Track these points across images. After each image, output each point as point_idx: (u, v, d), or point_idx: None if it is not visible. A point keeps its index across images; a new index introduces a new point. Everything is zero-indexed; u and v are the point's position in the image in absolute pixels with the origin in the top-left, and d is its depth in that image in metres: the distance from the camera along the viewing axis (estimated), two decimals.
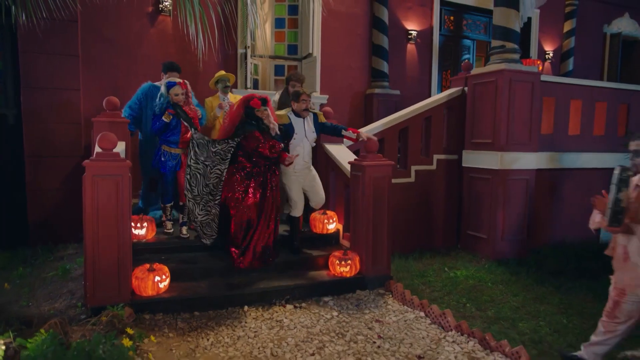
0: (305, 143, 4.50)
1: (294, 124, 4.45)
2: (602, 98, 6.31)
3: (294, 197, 4.53)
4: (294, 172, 4.47)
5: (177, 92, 4.25)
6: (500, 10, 5.43)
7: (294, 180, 4.50)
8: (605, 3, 10.75)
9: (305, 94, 4.48)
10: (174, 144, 4.37)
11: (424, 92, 8.45)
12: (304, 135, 4.48)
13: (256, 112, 4.11)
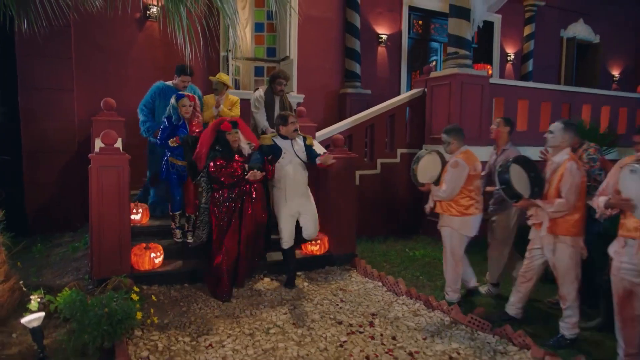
0: (296, 162, 4.34)
1: (280, 144, 4.34)
2: (546, 98, 7.09)
3: (281, 226, 4.35)
4: (285, 199, 4.32)
5: (185, 104, 4.40)
6: (454, 20, 6.14)
7: (282, 207, 4.34)
8: (562, 9, 11.58)
9: (292, 116, 4.40)
10: (180, 156, 4.48)
11: (394, 91, 9.13)
12: (293, 154, 4.34)
13: (227, 135, 4.12)
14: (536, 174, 3.43)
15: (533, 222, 3.45)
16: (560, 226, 3.25)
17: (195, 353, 3.07)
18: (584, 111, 7.63)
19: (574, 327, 3.32)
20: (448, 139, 4.03)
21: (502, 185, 3.36)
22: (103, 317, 2.80)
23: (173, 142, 4.36)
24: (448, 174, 3.91)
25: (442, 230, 4.06)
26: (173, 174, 4.50)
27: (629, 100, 8.31)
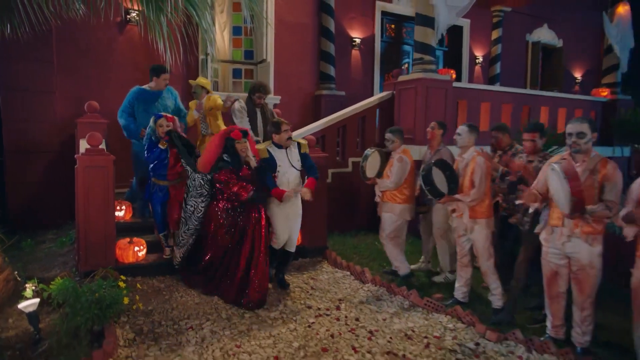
0: (292, 172, 4.33)
1: (275, 156, 4.30)
2: (507, 101, 7.60)
3: (277, 227, 4.39)
4: (279, 206, 4.34)
5: (162, 124, 4.40)
6: (419, 28, 6.58)
7: (277, 211, 4.37)
8: (527, 15, 12.17)
9: (285, 123, 4.34)
10: (162, 176, 4.52)
11: (367, 93, 9.53)
12: (289, 165, 4.33)
13: (236, 143, 4.11)
14: (450, 172, 3.90)
15: (457, 214, 3.95)
16: (477, 212, 3.81)
17: (177, 335, 3.40)
18: (542, 113, 8.18)
19: (501, 296, 3.85)
20: (392, 137, 4.60)
21: (427, 186, 3.82)
22: (93, 302, 3.12)
23: (163, 144, 4.40)
24: (394, 167, 4.47)
25: (384, 216, 4.60)
26: (156, 195, 4.56)
27: (583, 103, 8.91)
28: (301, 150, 4.46)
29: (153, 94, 5.17)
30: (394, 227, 4.60)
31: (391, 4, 9.95)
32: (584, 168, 3.17)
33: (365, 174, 4.55)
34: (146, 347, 3.19)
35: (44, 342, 3.04)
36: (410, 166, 4.54)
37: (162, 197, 4.57)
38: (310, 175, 4.42)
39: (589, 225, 3.13)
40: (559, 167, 3.09)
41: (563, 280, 3.29)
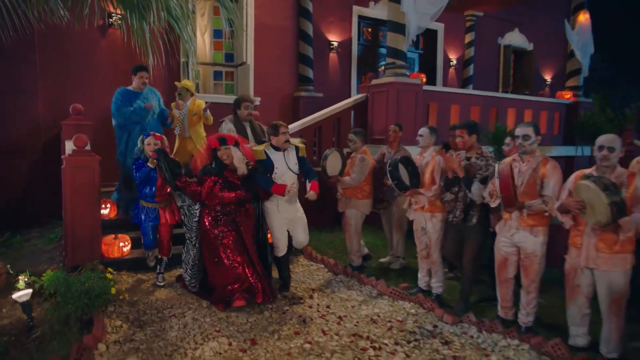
0: (289, 175, 4.30)
1: (272, 158, 4.29)
2: (476, 103, 8.03)
3: (275, 234, 4.41)
4: (277, 209, 4.34)
5: (150, 142, 4.33)
6: (391, 34, 6.94)
7: (275, 217, 4.36)
8: (499, 19, 12.65)
9: (284, 126, 4.31)
10: (150, 197, 4.39)
11: (345, 94, 9.87)
12: (286, 168, 4.30)
13: (217, 151, 4.08)
14: (412, 168, 4.26)
15: (416, 207, 4.30)
16: (435, 206, 4.16)
17: (161, 322, 3.69)
18: (509, 114, 8.64)
19: (443, 283, 4.26)
20: (355, 138, 4.95)
21: (394, 180, 4.16)
22: (83, 292, 3.38)
23: (152, 162, 4.28)
24: (357, 166, 4.82)
25: (347, 212, 4.96)
26: (145, 219, 4.44)
27: (548, 105, 9.43)
28: (299, 153, 4.43)
29: (136, 94, 5.36)
30: (360, 221, 4.97)
31: (368, 8, 10.30)
32: (529, 167, 3.56)
33: (327, 172, 4.84)
34: (132, 332, 3.47)
35: (37, 329, 3.30)
36: (371, 165, 4.91)
37: (153, 220, 4.43)
38: (310, 179, 4.41)
39: (533, 218, 3.51)
40: (498, 166, 3.48)
41: (512, 267, 3.68)
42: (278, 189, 4.18)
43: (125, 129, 5.37)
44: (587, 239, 3.19)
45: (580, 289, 3.29)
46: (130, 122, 5.29)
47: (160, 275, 4.54)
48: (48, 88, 6.96)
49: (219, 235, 4.05)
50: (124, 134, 5.40)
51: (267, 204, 4.38)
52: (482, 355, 3.28)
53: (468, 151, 4.01)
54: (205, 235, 4.10)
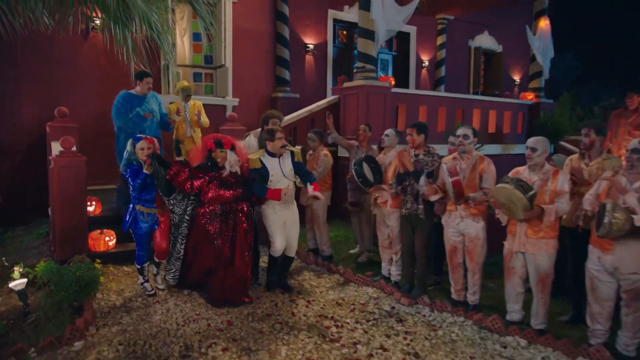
0: (284, 183, 4.30)
1: (267, 165, 4.29)
2: (442, 104, 8.54)
3: (272, 234, 4.43)
4: (274, 212, 4.38)
5: (143, 147, 4.11)
6: (361, 40, 7.38)
7: (272, 218, 4.41)
8: (469, 22, 13.21)
9: (280, 131, 4.35)
10: (150, 202, 4.20)
11: (321, 94, 10.29)
12: (281, 175, 4.31)
13: (212, 153, 4.15)
14: (375, 165, 4.71)
15: (380, 201, 4.73)
16: (397, 201, 4.57)
17: (146, 307, 4.06)
18: (475, 115, 9.18)
19: (400, 271, 4.73)
20: (315, 137, 5.42)
21: (360, 178, 4.59)
22: (74, 281, 3.73)
23: (147, 168, 4.07)
24: (321, 162, 5.30)
25: (314, 205, 5.39)
26: (142, 225, 4.21)
27: (511, 105, 10.00)
28: (295, 159, 4.43)
29: (139, 98, 5.49)
30: (326, 212, 5.43)
31: (342, 12, 10.73)
32: (468, 164, 4.05)
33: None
34: (120, 317, 3.84)
35: (32, 315, 3.64)
36: (331, 161, 5.41)
37: (150, 227, 4.26)
38: (310, 181, 4.40)
39: (475, 208, 4.00)
40: (446, 166, 3.95)
41: (460, 253, 4.15)
42: (273, 194, 4.19)
43: (126, 131, 5.38)
44: (519, 227, 3.68)
45: (515, 270, 3.77)
46: (128, 127, 5.37)
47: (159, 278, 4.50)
48: (31, 90, 7.19)
49: (212, 234, 4.10)
50: (121, 134, 5.46)
51: (264, 207, 4.42)
52: (430, 330, 3.75)
53: (417, 149, 4.46)
54: (198, 233, 4.17)
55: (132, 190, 4.14)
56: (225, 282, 4.11)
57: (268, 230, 4.48)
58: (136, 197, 4.15)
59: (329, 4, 10.48)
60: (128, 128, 5.35)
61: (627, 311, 3.19)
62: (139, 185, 4.07)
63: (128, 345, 3.36)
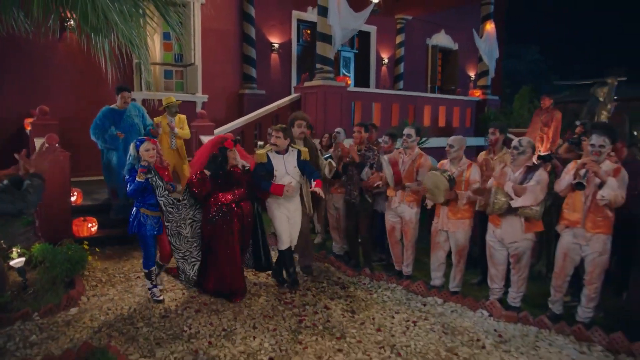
0: (287, 179, 4.45)
1: (273, 161, 4.47)
2: (395, 101, 9.39)
3: (277, 227, 4.60)
4: (278, 206, 4.54)
5: (148, 148, 4.08)
6: (320, 44, 8.12)
7: (277, 212, 4.57)
8: (426, 22, 14.09)
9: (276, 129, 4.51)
10: (154, 206, 4.19)
11: (285, 91, 10.96)
12: (284, 172, 4.47)
13: (228, 152, 4.29)
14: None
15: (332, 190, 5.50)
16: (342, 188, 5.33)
17: (128, 282, 4.75)
18: (425, 111, 10.08)
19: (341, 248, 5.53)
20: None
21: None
22: (66, 259, 4.38)
23: (140, 176, 3.99)
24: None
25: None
26: (147, 228, 4.16)
27: (460, 102, 10.96)
28: (301, 157, 4.57)
29: (120, 112, 5.76)
30: None
31: (306, 13, 11.41)
32: (409, 159, 4.85)
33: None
34: (106, 289, 4.52)
35: (30, 288, 4.28)
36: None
37: (158, 230, 4.23)
38: (314, 178, 4.50)
39: (410, 196, 4.82)
40: (387, 157, 4.76)
41: (398, 232, 4.99)
42: (276, 189, 4.38)
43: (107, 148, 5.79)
44: (442, 210, 4.53)
45: (439, 245, 4.62)
46: (106, 144, 5.69)
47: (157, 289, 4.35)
48: (7, 88, 7.63)
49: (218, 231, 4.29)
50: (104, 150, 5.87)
51: (269, 200, 4.59)
52: (367, 294, 4.58)
53: (360, 144, 5.26)
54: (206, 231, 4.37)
55: (130, 196, 4.15)
56: (226, 276, 4.29)
57: (274, 225, 4.68)
58: (141, 200, 4.14)
59: (293, 5, 11.15)
60: (106, 145, 5.69)
61: (513, 272, 4.09)
62: (134, 192, 4.04)
63: (116, 310, 4.06)
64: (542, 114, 6.81)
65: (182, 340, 3.55)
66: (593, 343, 3.52)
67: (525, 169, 4.00)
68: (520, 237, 3.99)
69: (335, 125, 7.94)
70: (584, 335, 3.58)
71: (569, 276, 3.89)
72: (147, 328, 3.74)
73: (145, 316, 3.97)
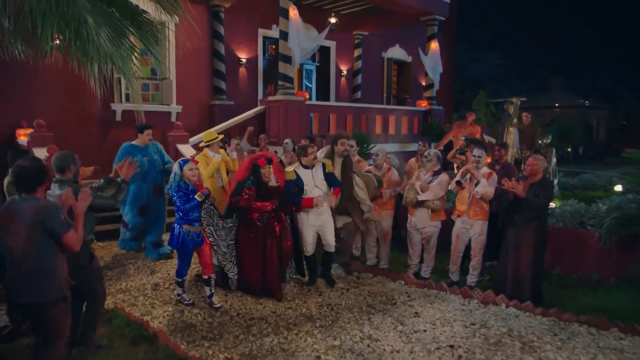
0: (316, 192, 4.87)
1: (301, 176, 4.89)
2: (349, 112, 10.70)
3: (304, 238, 5.06)
4: (307, 217, 4.98)
5: (192, 168, 4.42)
6: (281, 64, 9.36)
7: (305, 224, 5.02)
8: (382, 37, 15.47)
9: (311, 146, 5.06)
10: (196, 221, 4.47)
11: (252, 101, 12.11)
12: (313, 185, 4.90)
13: (261, 169, 4.66)
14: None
15: None
16: None
17: (122, 267, 5.82)
18: (377, 120, 11.43)
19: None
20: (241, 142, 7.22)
21: None
22: None
23: (200, 196, 4.39)
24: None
25: None
26: (190, 242, 4.46)
27: (408, 112, 12.39)
28: (326, 170, 5.03)
29: (140, 149, 5.93)
30: None
31: (271, 30, 12.57)
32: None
33: None
34: (105, 272, 5.57)
35: None
36: None
37: (200, 243, 4.53)
38: (334, 187, 4.99)
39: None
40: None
41: None
42: (307, 202, 4.86)
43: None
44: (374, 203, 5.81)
45: (372, 231, 5.90)
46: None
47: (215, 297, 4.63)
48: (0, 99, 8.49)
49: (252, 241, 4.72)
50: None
51: (301, 214, 5.04)
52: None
53: None
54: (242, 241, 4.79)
55: (179, 211, 4.41)
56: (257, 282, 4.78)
57: (302, 234, 5.10)
58: (183, 217, 4.40)
59: (259, 24, 12.32)
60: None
61: (425, 251, 5.42)
62: (186, 204, 4.35)
63: (115, 285, 5.16)
64: (465, 126, 8.24)
65: (172, 304, 4.69)
66: (473, 298, 4.86)
67: (432, 172, 5.34)
68: (428, 224, 5.32)
69: (295, 135, 9.18)
70: (468, 294, 4.92)
71: (461, 252, 5.24)
72: (143, 297, 4.87)
73: (140, 288, 5.08)
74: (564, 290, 5.22)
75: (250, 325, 4.21)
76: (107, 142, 9.59)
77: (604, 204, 5.84)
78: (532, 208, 4.54)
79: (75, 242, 2.93)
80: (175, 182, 4.41)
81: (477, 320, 4.38)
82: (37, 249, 2.83)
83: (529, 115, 9.36)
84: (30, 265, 2.84)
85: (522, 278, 4.69)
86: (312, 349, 3.81)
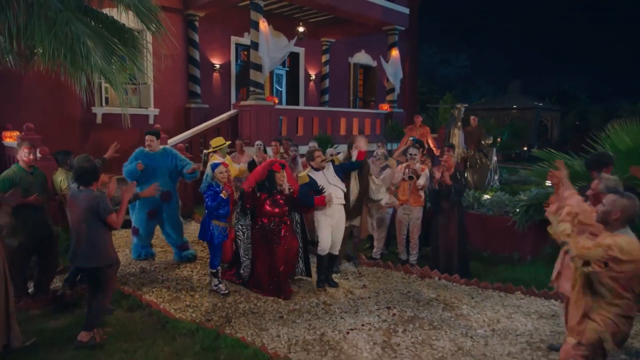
0: (332, 189, 5.06)
1: (315, 178, 5.07)
2: (316, 115, 11.62)
3: (320, 234, 5.13)
4: (325, 216, 5.10)
5: (222, 171, 4.89)
6: (252, 71, 10.20)
7: (323, 221, 5.11)
8: (349, 43, 16.42)
9: (318, 150, 5.29)
10: (224, 217, 4.96)
11: (226, 105, 12.84)
12: (328, 184, 5.07)
13: (276, 174, 4.93)
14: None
15: None
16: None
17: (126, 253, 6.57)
18: (342, 122, 12.39)
19: None
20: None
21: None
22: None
23: (224, 194, 4.88)
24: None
25: None
26: (217, 236, 4.97)
27: (371, 114, 13.40)
28: (335, 163, 5.35)
29: (150, 155, 6.07)
30: None
31: (243, 37, 13.35)
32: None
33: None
34: None
35: None
36: None
37: (224, 237, 5.09)
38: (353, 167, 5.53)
39: None
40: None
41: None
42: (320, 200, 4.97)
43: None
44: None
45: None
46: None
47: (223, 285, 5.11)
48: None
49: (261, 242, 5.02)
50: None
51: (317, 212, 5.14)
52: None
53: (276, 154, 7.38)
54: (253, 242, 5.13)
55: (207, 207, 4.93)
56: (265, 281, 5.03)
57: (317, 232, 5.19)
58: (212, 213, 4.92)
59: (232, 32, 13.09)
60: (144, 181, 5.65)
61: (375, 234, 6.38)
62: (216, 203, 4.86)
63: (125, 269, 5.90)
64: (415, 128, 9.28)
65: (158, 283, 5.49)
66: (412, 274, 5.85)
67: (380, 169, 6.31)
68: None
69: (265, 137, 10.05)
70: (409, 270, 5.91)
71: (404, 235, 6.22)
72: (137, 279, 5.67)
73: (146, 269, 5.88)
74: (492, 267, 6.27)
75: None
76: (88, 144, 10.22)
77: (525, 195, 6.91)
78: (457, 193, 5.57)
79: (116, 222, 3.87)
80: (207, 183, 4.98)
81: (413, 289, 5.37)
82: (90, 227, 3.79)
83: (476, 118, 10.47)
84: (85, 239, 3.80)
85: (452, 255, 5.70)
86: (277, 311, 4.72)
